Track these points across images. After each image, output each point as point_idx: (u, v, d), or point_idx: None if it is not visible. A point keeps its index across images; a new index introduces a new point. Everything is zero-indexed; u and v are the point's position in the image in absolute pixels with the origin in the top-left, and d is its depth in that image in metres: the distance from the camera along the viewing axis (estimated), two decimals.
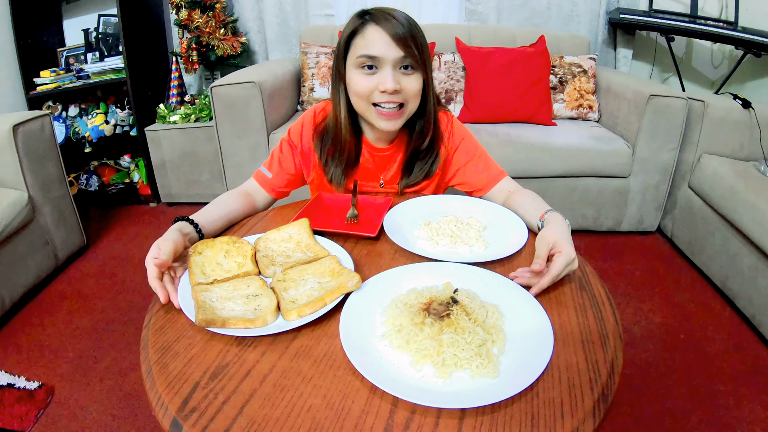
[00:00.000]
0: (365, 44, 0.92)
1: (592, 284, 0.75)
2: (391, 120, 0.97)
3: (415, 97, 0.96)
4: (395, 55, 0.91)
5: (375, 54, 0.91)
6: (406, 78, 0.94)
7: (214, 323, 0.61)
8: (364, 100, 0.96)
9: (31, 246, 1.84)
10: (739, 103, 1.98)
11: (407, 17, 0.93)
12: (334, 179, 1.06)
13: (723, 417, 1.33)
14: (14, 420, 1.29)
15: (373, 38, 0.91)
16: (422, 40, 0.94)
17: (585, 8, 2.67)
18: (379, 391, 0.53)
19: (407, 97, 0.95)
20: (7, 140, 1.76)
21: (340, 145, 1.03)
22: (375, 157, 1.09)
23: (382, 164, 1.10)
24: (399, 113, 0.96)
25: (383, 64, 0.92)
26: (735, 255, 1.75)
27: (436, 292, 0.69)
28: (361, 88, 0.94)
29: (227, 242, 0.81)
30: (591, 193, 2.19)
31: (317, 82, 2.43)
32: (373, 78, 0.93)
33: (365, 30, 0.93)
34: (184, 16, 2.45)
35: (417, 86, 0.95)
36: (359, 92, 0.95)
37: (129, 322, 1.71)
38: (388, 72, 0.92)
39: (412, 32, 0.92)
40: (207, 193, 2.60)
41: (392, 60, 0.91)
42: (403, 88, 0.93)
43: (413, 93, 0.95)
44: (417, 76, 0.95)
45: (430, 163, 1.07)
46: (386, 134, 1.05)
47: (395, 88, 0.92)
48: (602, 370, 0.57)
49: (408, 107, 0.97)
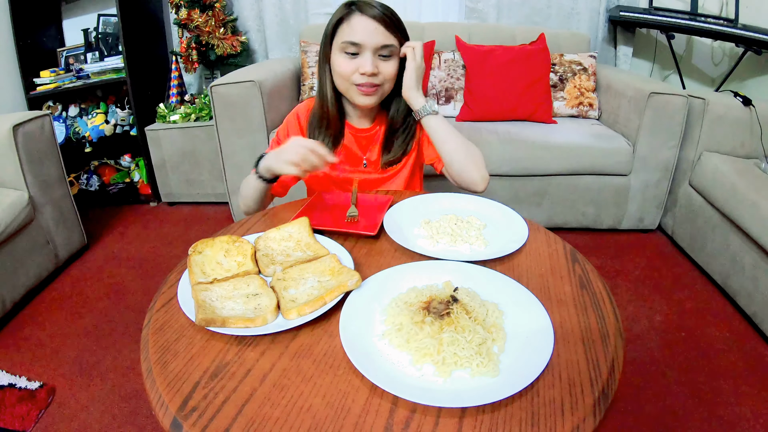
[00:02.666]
0: (350, 32, 1.03)
1: (593, 282, 0.75)
2: (368, 96, 1.08)
3: (391, 79, 1.09)
4: (375, 43, 1.03)
5: (357, 41, 1.02)
6: (384, 63, 1.06)
7: (214, 322, 0.61)
8: (346, 81, 1.07)
9: (32, 246, 1.84)
10: (740, 100, 1.98)
11: (388, 7, 1.05)
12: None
13: (724, 415, 1.33)
14: (15, 420, 1.29)
15: (357, 27, 1.02)
16: (401, 28, 1.07)
17: (585, 6, 2.67)
18: (379, 390, 0.53)
19: (384, 79, 1.07)
20: (7, 140, 1.76)
21: (327, 120, 1.14)
22: (358, 138, 1.18)
23: (365, 145, 1.20)
24: (374, 89, 1.07)
25: (364, 50, 1.03)
26: (736, 253, 1.75)
27: (436, 290, 0.69)
28: (343, 70, 1.06)
29: (227, 241, 0.81)
30: (591, 191, 2.18)
31: (317, 81, 2.42)
32: (355, 61, 1.04)
33: (351, 18, 1.03)
34: (184, 16, 2.45)
35: (393, 70, 1.08)
36: (342, 73, 1.06)
37: (129, 322, 1.71)
38: (368, 57, 1.03)
39: (392, 22, 1.04)
40: (207, 193, 2.61)
41: (372, 46, 1.03)
42: (380, 72, 1.05)
43: (389, 76, 1.08)
44: (393, 62, 1.07)
45: (408, 140, 1.18)
46: (365, 112, 1.17)
47: (373, 71, 1.03)
48: (603, 369, 0.57)
49: (383, 87, 1.09)
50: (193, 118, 2.49)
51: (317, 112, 1.15)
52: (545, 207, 2.23)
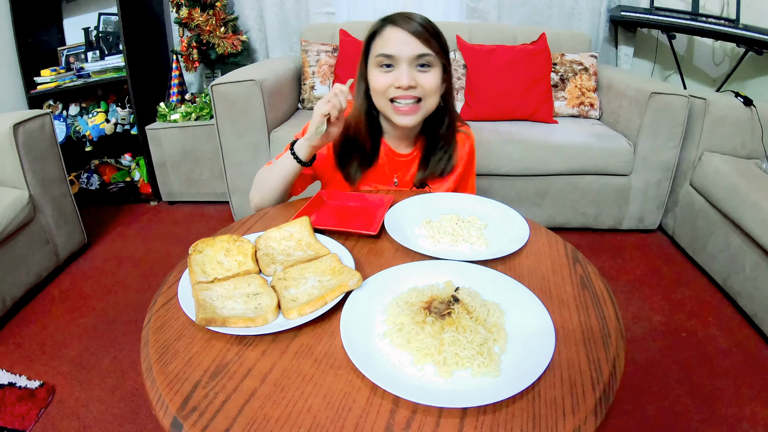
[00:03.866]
0: (383, 44, 0.98)
1: (594, 282, 0.75)
2: (407, 116, 1.01)
3: (434, 93, 1.01)
4: (410, 53, 0.96)
5: (391, 53, 0.97)
6: (423, 75, 0.98)
7: (214, 322, 0.61)
8: (382, 97, 1.01)
9: (32, 245, 1.84)
10: (741, 100, 1.98)
11: (426, 19, 0.99)
12: (351, 174, 1.10)
13: (724, 415, 1.33)
14: (15, 419, 1.29)
15: (390, 38, 0.97)
16: (440, 40, 0.99)
17: (586, 6, 2.67)
18: (379, 390, 0.53)
19: (425, 93, 1.00)
20: (7, 139, 1.75)
21: (359, 141, 1.08)
22: (393, 161, 1.12)
23: (397, 167, 1.13)
24: (415, 108, 1.00)
25: (399, 62, 0.97)
26: (736, 253, 1.75)
27: (437, 290, 0.69)
28: (378, 84, 1.00)
29: (228, 241, 0.81)
30: (592, 191, 2.18)
31: (318, 80, 2.42)
32: (390, 75, 0.99)
33: (384, 31, 0.99)
34: (185, 15, 2.45)
35: (434, 82, 0.99)
36: (376, 88, 1.00)
37: (130, 321, 1.71)
38: (403, 69, 0.97)
39: (428, 31, 0.97)
40: (208, 192, 2.60)
41: (408, 57, 0.96)
42: (419, 84, 0.98)
43: (431, 89, 1.00)
44: (434, 73, 0.99)
45: (445, 160, 1.12)
46: (405, 132, 1.10)
47: (410, 84, 0.97)
48: (604, 369, 0.57)
49: (426, 103, 1.01)
50: (194, 117, 2.49)
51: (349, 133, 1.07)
52: (546, 207, 2.23)
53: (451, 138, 1.12)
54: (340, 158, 1.10)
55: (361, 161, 1.10)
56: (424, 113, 1.03)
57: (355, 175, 1.10)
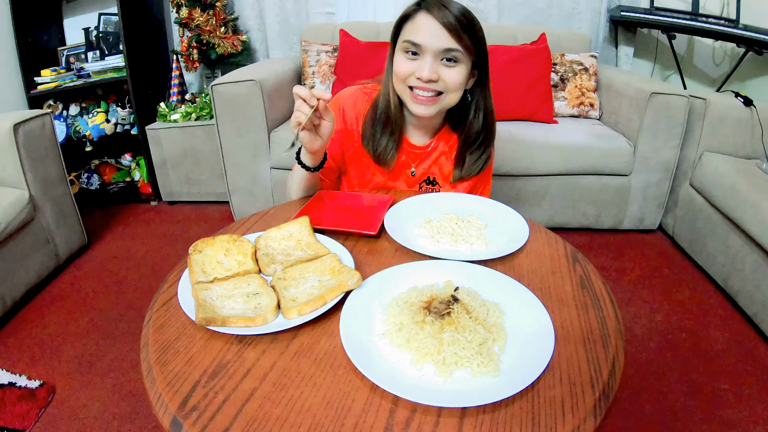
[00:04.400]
0: (412, 30, 0.95)
1: (594, 282, 0.75)
2: (423, 105, 0.99)
3: (456, 89, 0.98)
4: (438, 46, 0.93)
5: (418, 42, 0.94)
6: (447, 69, 0.95)
7: (214, 322, 0.61)
8: (401, 82, 0.99)
9: (32, 245, 1.84)
10: (741, 101, 1.98)
11: (463, 9, 0.94)
12: (385, 154, 1.07)
13: (724, 415, 1.33)
14: (15, 419, 1.29)
15: (420, 26, 0.94)
16: (475, 34, 0.95)
17: (586, 6, 2.66)
18: (379, 390, 0.53)
19: (446, 88, 0.97)
20: (7, 139, 1.76)
21: (390, 121, 1.06)
22: (407, 152, 1.11)
23: (414, 157, 1.12)
24: (433, 100, 0.98)
25: (425, 53, 0.94)
26: (736, 253, 1.75)
27: (436, 290, 0.69)
28: (400, 70, 0.98)
29: (227, 240, 0.81)
30: (592, 191, 2.18)
31: (318, 80, 2.42)
32: (413, 63, 0.96)
33: (416, 17, 0.95)
34: (185, 15, 2.45)
35: (458, 79, 0.96)
36: (398, 73, 0.98)
37: (130, 321, 1.71)
38: (427, 61, 0.94)
39: (462, 24, 0.92)
40: (208, 192, 2.60)
41: (434, 50, 0.93)
42: (442, 79, 0.96)
43: (453, 85, 0.97)
44: (459, 70, 0.96)
45: (483, 160, 1.11)
46: (422, 123, 1.08)
47: (430, 78, 0.94)
48: (603, 369, 0.57)
49: (446, 97, 0.99)
50: (194, 118, 2.49)
51: (381, 115, 1.06)
52: (546, 207, 2.23)
53: (491, 137, 1.10)
54: (370, 141, 1.08)
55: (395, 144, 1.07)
56: (441, 107, 1.01)
57: (391, 156, 1.07)
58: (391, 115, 1.05)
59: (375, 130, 1.07)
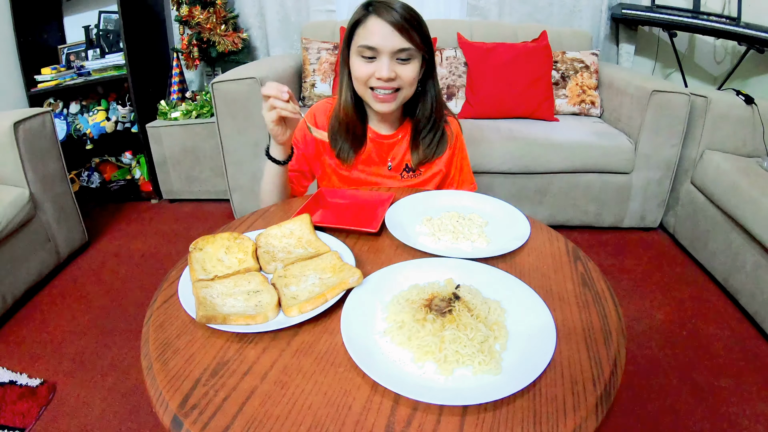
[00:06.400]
0: (366, 35, 1.00)
1: (595, 280, 0.75)
2: (385, 103, 1.06)
3: (410, 84, 1.05)
4: (392, 47, 0.99)
5: (373, 45, 0.99)
6: (402, 67, 1.02)
7: (214, 320, 0.61)
8: (362, 85, 1.05)
9: (33, 243, 1.84)
10: (742, 99, 1.97)
11: (407, 8, 1.00)
12: (342, 153, 1.13)
13: (725, 414, 1.33)
14: (16, 417, 1.29)
15: (373, 30, 0.99)
16: (421, 30, 1.02)
17: (587, 3, 2.66)
18: (380, 388, 0.53)
19: (402, 84, 1.04)
20: (8, 137, 1.75)
21: (346, 124, 1.12)
22: (380, 144, 1.16)
23: (386, 150, 1.17)
24: (392, 97, 1.05)
25: (381, 54, 1.00)
26: (737, 251, 1.74)
27: (437, 288, 0.69)
28: (360, 74, 1.03)
29: (228, 238, 0.80)
30: (593, 189, 2.18)
31: (318, 78, 2.42)
32: (371, 65, 1.02)
33: (367, 21, 1.00)
34: (185, 13, 2.44)
35: (412, 75, 1.04)
36: (358, 77, 1.04)
37: (130, 319, 1.71)
38: (384, 61, 1.00)
39: (410, 23, 0.99)
40: (208, 190, 2.60)
41: (389, 51, 1.00)
42: (398, 76, 1.02)
43: (408, 81, 1.04)
44: (413, 65, 1.03)
45: (436, 142, 1.16)
46: (386, 117, 1.14)
47: (390, 76, 1.01)
48: (605, 367, 0.57)
49: (402, 92, 1.06)
50: (194, 115, 2.49)
51: (339, 117, 1.12)
52: (547, 205, 2.23)
53: (439, 120, 1.15)
54: (333, 142, 1.14)
55: (353, 142, 1.13)
56: (400, 101, 1.07)
57: (348, 157, 1.14)
58: (349, 114, 1.11)
59: (336, 131, 1.13)
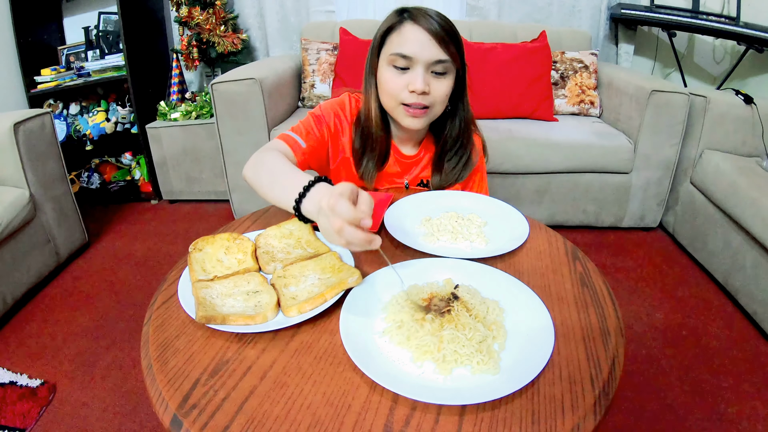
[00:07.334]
0: (401, 42, 0.92)
1: (594, 280, 0.75)
2: (415, 118, 0.97)
3: (442, 102, 0.98)
4: (429, 57, 0.91)
5: (408, 53, 0.91)
6: (436, 81, 0.94)
7: (214, 320, 0.61)
8: (393, 99, 0.96)
9: (33, 244, 1.84)
10: (741, 98, 1.97)
11: (445, 18, 0.92)
12: (366, 174, 1.05)
13: (725, 413, 1.33)
14: (16, 418, 1.29)
15: (409, 37, 0.91)
16: (458, 42, 0.94)
17: (586, 3, 2.66)
18: (379, 388, 0.53)
19: (434, 100, 0.96)
20: (8, 138, 1.76)
21: (372, 138, 1.03)
22: (401, 163, 1.10)
23: (405, 168, 1.11)
24: (423, 112, 0.96)
25: (415, 64, 0.92)
26: (737, 251, 1.75)
27: (436, 288, 0.69)
28: (391, 87, 0.95)
29: (227, 239, 0.81)
30: (593, 189, 2.18)
31: (318, 79, 2.42)
32: (404, 77, 0.93)
33: (402, 28, 0.92)
34: (185, 13, 2.45)
35: (445, 91, 0.96)
36: (389, 90, 0.95)
37: (130, 319, 1.71)
38: (419, 72, 0.92)
39: (449, 34, 0.91)
40: (208, 190, 2.61)
41: (425, 61, 0.91)
42: (432, 91, 0.94)
43: (441, 97, 0.96)
44: (447, 81, 0.95)
45: (462, 165, 1.08)
46: (411, 134, 1.07)
47: (424, 90, 0.92)
48: (603, 367, 0.57)
49: (433, 110, 0.98)
50: (194, 116, 2.49)
51: (362, 130, 1.03)
52: (546, 205, 2.23)
53: (467, 142, 1.08)
54: (357, 163, 1.06)
55: (377, 161, 1.05)
56: (430, 118, 1.00)
57: (371, 176, 1.05)
58: (373, 132, 1.02)
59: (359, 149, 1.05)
